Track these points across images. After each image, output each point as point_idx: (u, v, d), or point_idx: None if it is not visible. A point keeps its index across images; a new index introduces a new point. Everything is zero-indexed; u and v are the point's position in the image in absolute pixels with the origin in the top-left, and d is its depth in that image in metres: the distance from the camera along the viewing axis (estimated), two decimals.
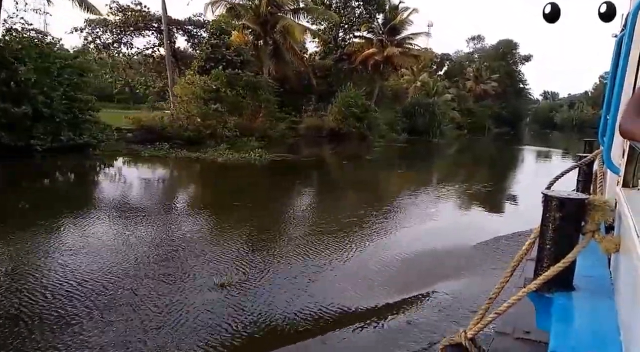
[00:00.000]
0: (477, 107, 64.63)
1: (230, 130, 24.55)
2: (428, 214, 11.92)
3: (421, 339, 5.00)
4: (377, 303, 5.92)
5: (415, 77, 60.19)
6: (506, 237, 9.23)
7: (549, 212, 1.62)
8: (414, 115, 44.83)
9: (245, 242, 8.40)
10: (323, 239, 8.61)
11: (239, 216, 10.39)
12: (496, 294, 1.82)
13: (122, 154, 18.80)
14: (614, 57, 2.88)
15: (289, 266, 7.14)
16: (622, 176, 2.51)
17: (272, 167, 18.53)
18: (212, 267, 6.83)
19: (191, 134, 22.79)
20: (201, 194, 13.94)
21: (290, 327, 5.17)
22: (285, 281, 6.48)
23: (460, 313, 5.68)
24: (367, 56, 41.59)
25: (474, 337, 1.66)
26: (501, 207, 14.28)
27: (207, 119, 23.49)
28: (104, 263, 6.74)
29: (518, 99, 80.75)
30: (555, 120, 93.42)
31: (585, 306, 1.62)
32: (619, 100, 2.31)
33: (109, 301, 5.48)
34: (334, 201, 13.28)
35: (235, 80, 25.03)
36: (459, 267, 7.54)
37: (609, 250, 1.66)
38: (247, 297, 5.83)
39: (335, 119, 36.29)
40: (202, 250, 7.61)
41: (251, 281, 6.37)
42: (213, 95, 23.98)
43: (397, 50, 41.36)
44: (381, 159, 26.32)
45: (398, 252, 8.08)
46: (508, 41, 77.93)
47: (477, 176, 21.10)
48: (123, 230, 8.64)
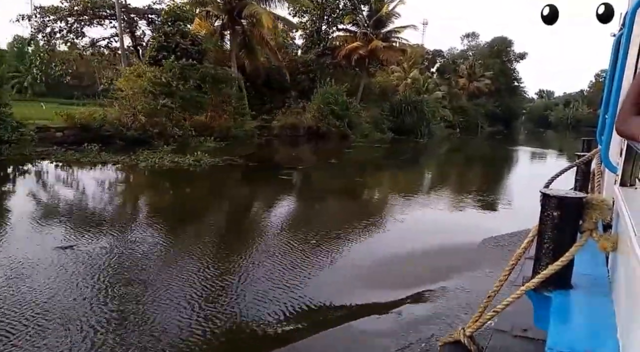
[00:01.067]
0: (470, 105, 61.32)
1: (184, 129, 21.31)
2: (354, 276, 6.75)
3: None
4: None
5: (405, 74, 57.07)
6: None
7: (547, 210, 1.62)
8: (401, 113, 41.59)
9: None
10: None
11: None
12: (495, 292, 1.85)
13: (32, 159, 15.37)
14: (612, 56, 2.99)
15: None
16: (619, 174, 2.49)
17: (200, 176, 14.77)
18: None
19: (135, 134, 19.53)
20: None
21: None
22: None
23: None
24: (351, 50, 38.30)
25: (472, 335, 1.71)
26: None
27: (155, 116, 20.23)
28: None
29: (512, 97, 77.89)
30: (549, 119, 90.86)
31: (583, 304, 1.62)
32: (617, 99, 2.32)
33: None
34: (217, 239, 8.43)
35: (190, 73, 21.75)
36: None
37: (606, 248, 1.65)
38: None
39: (314, 117, 33.08)
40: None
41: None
42: (165, 90, 20.70)
43: (383, 44, 38.09)
44: (349, 162, 22.79)
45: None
46: (503, 39, 75.05)
47: (452, 192, 15.97)
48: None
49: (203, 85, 22.68)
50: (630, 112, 1.40)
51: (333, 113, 32.80)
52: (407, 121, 41.25)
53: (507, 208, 12.84)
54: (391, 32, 39.80)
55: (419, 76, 54.76)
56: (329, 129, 32.39)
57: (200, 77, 22.36)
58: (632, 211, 1.66)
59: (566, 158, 29.20)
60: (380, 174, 20.05)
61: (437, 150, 35.61)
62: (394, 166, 22.47)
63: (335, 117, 32.78)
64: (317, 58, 39.87)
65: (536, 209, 1.70)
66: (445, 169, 24.28)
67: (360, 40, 39.01)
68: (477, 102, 65.35)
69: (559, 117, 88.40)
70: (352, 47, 38.27)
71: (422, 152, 32.54)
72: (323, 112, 32.81)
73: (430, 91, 53.46)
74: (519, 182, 18.35)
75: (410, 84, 54.77)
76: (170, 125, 20.36)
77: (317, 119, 32.74)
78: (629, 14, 2.22)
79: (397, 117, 41.38)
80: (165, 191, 13.78)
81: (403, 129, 41.02)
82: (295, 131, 32.54)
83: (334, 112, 32.78)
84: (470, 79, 65.24)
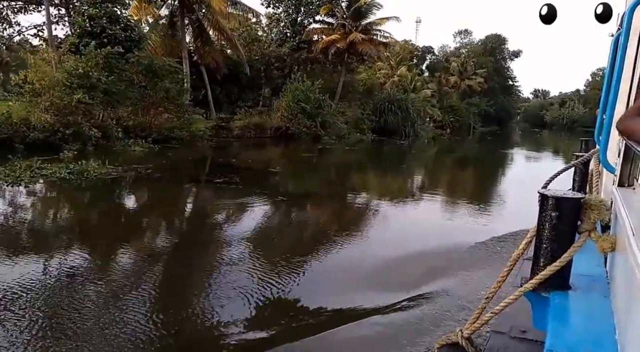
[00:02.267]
0: (461, 105, 57.46)
1: (108, 129, 17.56)
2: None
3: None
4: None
5: (393, 71, 53.39)
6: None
7: (545, 211, 1.59)
8: (384, 112, 37.82)
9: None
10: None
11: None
12: (493, 293, 1.82)
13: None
14: (611, 56, 2.94)
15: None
16: (618, 175, 2.46)
17: (55, 200, 11.11)
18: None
19: (40, 135, 15.77)
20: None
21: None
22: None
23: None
24: (328, 44, 34.50)
25: (470, 336, 1.69)
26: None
27: (69, 114, 16.48)
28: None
29: (507, 96, 74.28)
30: (545, 119, 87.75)
31: (581, 305, 1.61)
32: (615, 100, 2.31)
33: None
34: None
35: (118, 63, 17.99)
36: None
37: (605, 249, 1.63)
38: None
39: (282, 117, 29.32)
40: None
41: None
42: (82, 82, 16.94)
43: (362, 36, 34.30)
44: (302, 169, 18.84)
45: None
46: (497, 36, 71.42)
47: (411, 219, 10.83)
48: None
49: (136, 77, 18.90)
50: (635, 114, 1.41)
51: (304, 112, 29.07)
52: (391, 121, 37.49)
53: (480, 249, 8.80)
54: (372, 24, 35.97)
55: (407, 73, 51.09)
56: (300, 129, 28.66)
57: (133, 68, 18.58)
58: (630, 211, 1.61)
59: (563, 163, 25.26)
60: (331, 185, 16.13)
61: (419, 153, 31.39)
62: (356, 174, 18.68)
63: (307, 116, 29.03)
64: (291, 52, 36.12)
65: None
66: (416, 178, 20.32)
67: (339, 33, 35.25)
68: (470, 101, 61.59)
69: (555, 117, 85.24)
70: (329, 40, 34.48)
71: (399, 156, 28.10)
72: (293, 110, 29.07)
73: (417, 89, 49.73)
74: (504, 202, 14.37)
75: (397, 82, 51.16)
76: (88, 126, 16.58)
77: (285, 118, 29.01)
78: (626, 14, 2.25)
79: (379, 117, 37.65)
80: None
81: (386, 130, 37.30)
82: (262, 132, 28.82)
83: (304, 110, 29.04)
84: (462, 77, 61.52)
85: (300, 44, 36.31)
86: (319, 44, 34.57)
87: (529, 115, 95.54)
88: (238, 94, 32.71)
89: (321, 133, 29.30)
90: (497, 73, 69.11)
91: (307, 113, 29.03)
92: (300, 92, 29.27)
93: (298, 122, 28.68)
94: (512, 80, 77.09)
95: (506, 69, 74.11)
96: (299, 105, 28.97)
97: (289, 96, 29.45)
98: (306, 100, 29.22)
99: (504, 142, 48.70)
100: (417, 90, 49.67)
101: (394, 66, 53.68)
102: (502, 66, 72.27)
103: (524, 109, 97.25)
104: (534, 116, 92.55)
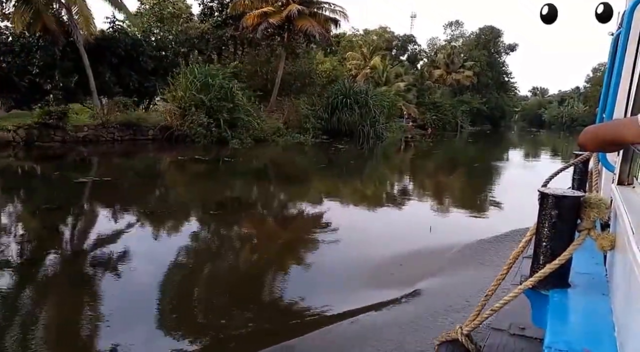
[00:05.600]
0: (447, 101, 47.82)
1: None
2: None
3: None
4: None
5: (366, 62, 43.97)
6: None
7: (545, 209, 1.54)
8: (336, 109, 28.55)
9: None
10: None
11: None
12: (492, 291, 1.75)
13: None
14: (611, 55, 2.81)
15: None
16: (617, 173, 2.29)
17: None
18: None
19: None
20: None
21: None
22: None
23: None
24: (259, 18, 25.27)
25: (470, 333, 1.61)
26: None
27: None
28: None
29: (502, 93, 64.59)
30: (543, 118, 78.41)
31: (580, 303, 1.55)
32: (615, 98, 2.24)
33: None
34: None
35: None
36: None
37: (604, 247, 1.55)
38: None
39: (170, 112, 20.16)
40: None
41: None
42: None
43: (300, 8, 24.95)
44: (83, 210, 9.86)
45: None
46: (491, 28, 61.80)
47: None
48: None
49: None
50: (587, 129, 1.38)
51: (202, 105, 19.91)
52: (345, 120, 28.21)
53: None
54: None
55: (379, 64, 41.66)
56: (195, 129, 19.52)
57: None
58: (629, 209, 1.53)
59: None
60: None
61: (359, 164, 19.64)
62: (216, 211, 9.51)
63: (205, 112, 19.87)
64: (214, 29, 26.94)
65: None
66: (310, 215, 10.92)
67: (273, 5, 25.98)
68: (461, 98, 52.02)
69: (553, 116, 75.72)
70: (259, 13, 25.21)
71: (324, 169, 17.11)
72: (184, 104, 19.93)
73: (391, 82, 40.29)
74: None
75: (369, 74, 41.74)
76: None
77: (173, 114, 19.88)
78: (627, 14, 2.18)
79: (331, 115, 28.39)
80: None
81: (340, 130, 28.07)
82: (139, 133, 19.71)
83: (203, 103, 19.88)
84: (448, 70, 51.84)
85: (226, 19, 27.13)
86: (247, 19, 25.30)
87: (527, 113, 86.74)
88: (139, 81, 23.68)
89: (227, 135, 20.09)
90: (491, 67, 59.52)
91: (205, 107, 19.87)
92: (197, 80, 20.10)
93: (192, 119, 19.54)
94: (507, 75, 67.35)
95: (501, 64, 64.44)
96: (194, 96, 19.83)
97: (182, 83, 20.31)
98: (206, 90, 20.04)
99: (491, 144, 38.80)
100: (390, 83, 40.25)
101: (367, 56, 44.25)
102: (497, 60, 62.66)
103: (522, 107, 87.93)
104: (533, 115, 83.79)
